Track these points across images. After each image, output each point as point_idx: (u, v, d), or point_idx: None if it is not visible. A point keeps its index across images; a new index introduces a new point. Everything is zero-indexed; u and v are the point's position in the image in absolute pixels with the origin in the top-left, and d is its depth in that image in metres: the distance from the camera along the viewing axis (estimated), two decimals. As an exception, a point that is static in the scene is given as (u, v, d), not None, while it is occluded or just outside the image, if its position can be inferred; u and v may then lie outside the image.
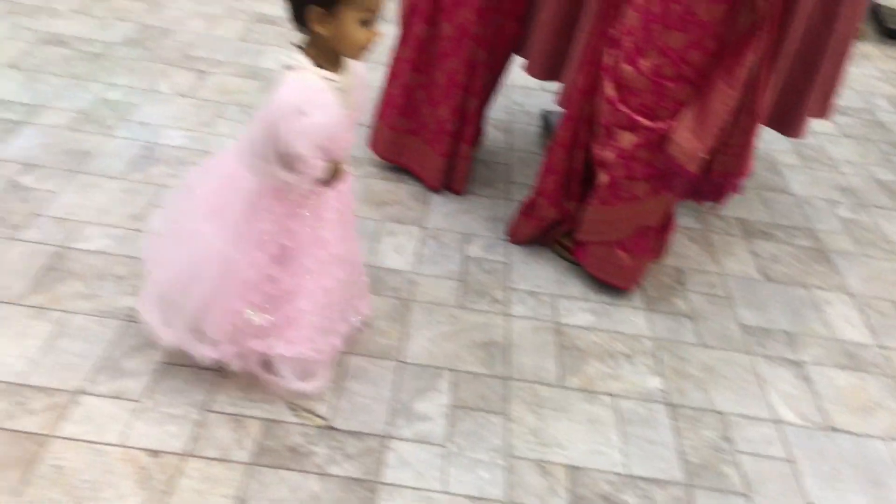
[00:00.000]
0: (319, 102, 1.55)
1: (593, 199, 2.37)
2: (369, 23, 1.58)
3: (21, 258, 2.18)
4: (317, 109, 1.54)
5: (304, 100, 1.54)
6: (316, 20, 1.55)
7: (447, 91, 2.63)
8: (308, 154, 1.56)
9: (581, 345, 2.26)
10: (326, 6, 1.53)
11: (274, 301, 1.77)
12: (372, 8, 1.56)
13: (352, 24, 1.55)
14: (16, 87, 2.99)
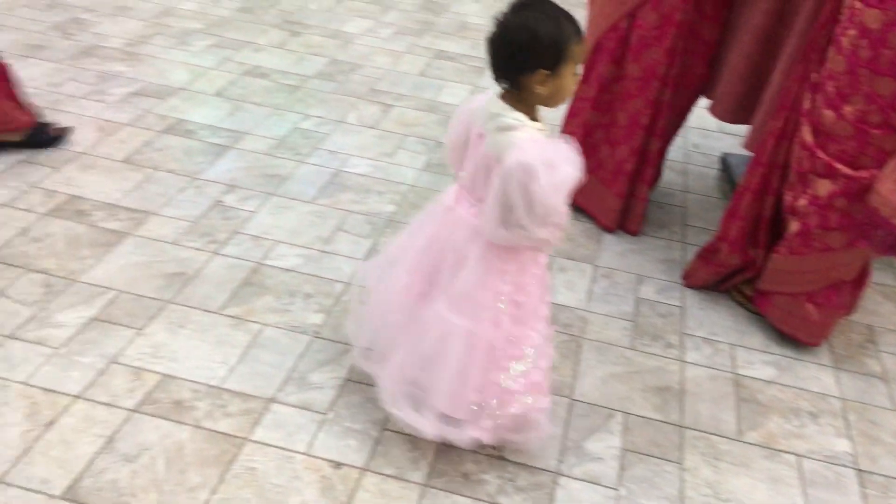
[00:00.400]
0: (561, 156, 1.54)
1: (782, 248, 2.28)
2: (577, 74, 1.60)
3: (222, 272, 2.36)
4: (562, 163, 1.53)
5: (548, 156, 1.53)
6: (539, 82, 1.55)
7: (629, 131, 2.62)
8: (563, 206, 1.55)
9: (762, 399, 2.16)
10: (552, 68, 1.54)
11: (521, 360, 1.76)
12: (584, 55, 1.58)
13: (570, 77, 1.57)
14: (223, 114, 3.25)
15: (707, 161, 3.41)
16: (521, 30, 1.53)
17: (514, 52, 1.54)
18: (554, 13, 1.55)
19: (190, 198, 2.69)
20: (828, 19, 2.10)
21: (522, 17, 1.54)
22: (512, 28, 1.54)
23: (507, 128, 1.57)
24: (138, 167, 2.81)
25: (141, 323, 2.12)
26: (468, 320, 1.68)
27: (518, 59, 1.54)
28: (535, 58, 1.53)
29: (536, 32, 1.53)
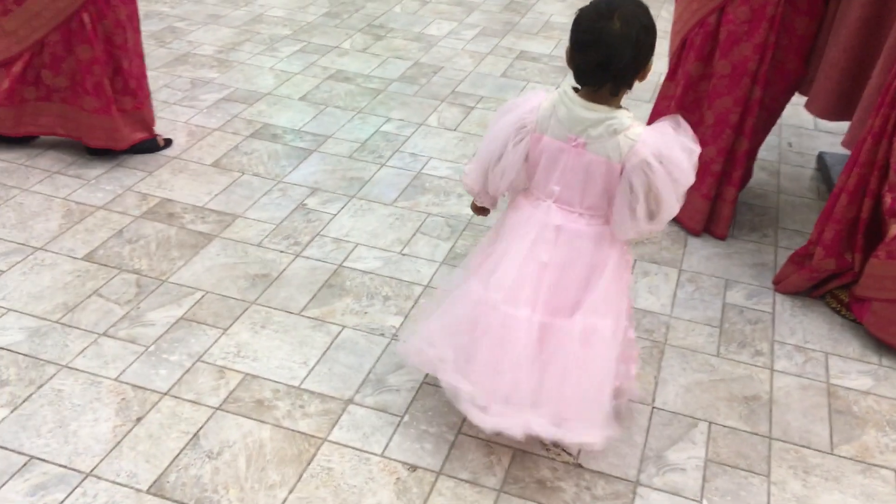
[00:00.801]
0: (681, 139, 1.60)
1: (880, 252, 2.16)
2: None
3: (305, 273, 2.40)
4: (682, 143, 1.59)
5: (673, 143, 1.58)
6: (647, 70, 1.60)
7: (716, 130, 2.54)
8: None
9: (857, 410, 2.05)
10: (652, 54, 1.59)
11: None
12: None
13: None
14: (307, 118, 3.32)
15: (802, 160, 3.27)
16: (643, 29, 1.54)
17: (638, 52, 1.54)
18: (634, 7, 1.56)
19: (274, 200, 2.75)
20: (932, 9, 1.98)
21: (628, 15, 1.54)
22: (633, 29, 1.53)
23: (622, 128, 1.59)
24: (226, 171, 2.90)
25: (225, 323, 2.18)
26: (612, 320, 1.71)
27: (641, 57, 1.56)
28: (652, 50, 1.57)
29: (649, 25, 1.55)
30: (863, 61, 2.40)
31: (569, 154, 1.62)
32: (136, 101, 2.86)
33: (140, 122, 2.89)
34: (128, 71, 2.80)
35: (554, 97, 1.63)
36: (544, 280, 1.69)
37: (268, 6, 4.50)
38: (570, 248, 1.67)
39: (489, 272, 1.76)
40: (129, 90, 2.83)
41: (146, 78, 2.90)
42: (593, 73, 1.57)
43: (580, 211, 1.66)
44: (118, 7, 2.71)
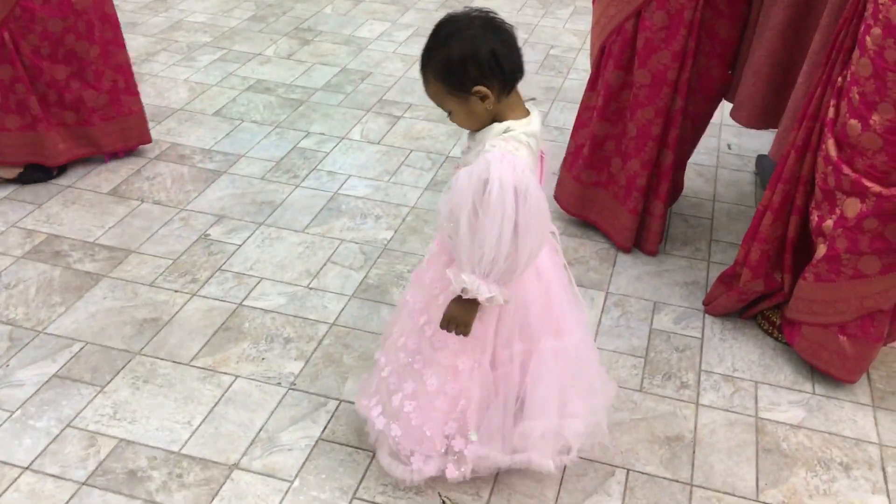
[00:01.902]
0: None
1: (808, 274, 2.02)
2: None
3: (199, 315, 2.22)
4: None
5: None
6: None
7: (639, 143, 2.38)
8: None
9: (787, 448, 1.91)
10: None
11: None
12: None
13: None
14: (220, 135, 3.12)
15: (741, 163, 3.13)
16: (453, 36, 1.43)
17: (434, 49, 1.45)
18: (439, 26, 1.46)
19: (174, 232, 2.56)
20: (852, 14, 1.83)
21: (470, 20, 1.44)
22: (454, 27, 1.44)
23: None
24: (124, 199, 2.70)
25: (104, 379, 2.00)
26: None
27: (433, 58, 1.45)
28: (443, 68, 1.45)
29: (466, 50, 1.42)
30: (787, 67, 2.25)
31: (538, 171, 1.55)
32: (80, 117, 2.71)
33: (84, 137, 2.74)
34: (62, 84, 2.63)
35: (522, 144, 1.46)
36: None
37: (188, 11, 4.28)
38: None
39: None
40: (68, 104, 2.67)
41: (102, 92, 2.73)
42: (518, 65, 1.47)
43: None
44: (49, 20, 2.52)
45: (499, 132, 1.44)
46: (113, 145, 2.84)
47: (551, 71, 3.81)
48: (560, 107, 3.48)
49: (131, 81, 2.84)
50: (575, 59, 3.95)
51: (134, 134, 2.88)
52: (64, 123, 2.71)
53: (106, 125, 2.78)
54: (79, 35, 2.61)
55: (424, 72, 1.44)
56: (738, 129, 3.28)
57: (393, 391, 1.65)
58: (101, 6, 2.67)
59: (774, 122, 2.37)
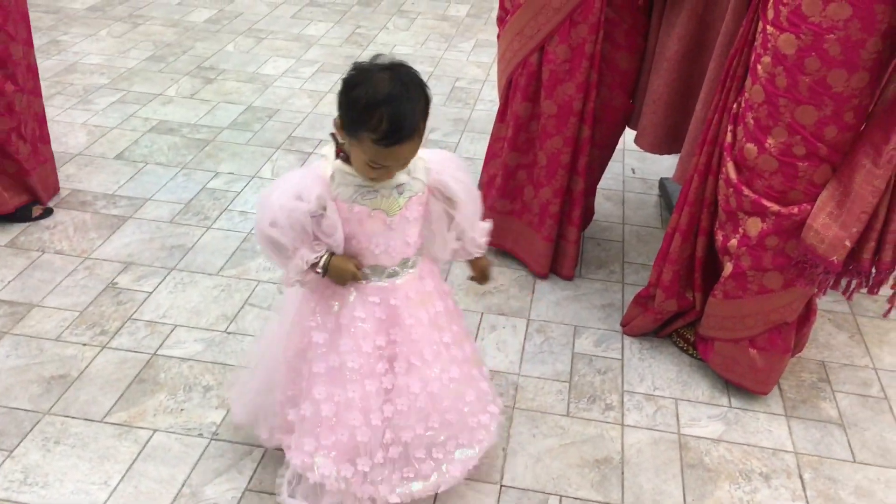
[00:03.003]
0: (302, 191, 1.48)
1: (717, 292, 2.10)
2: (381, 169, 1.47)
3: (111, 368, 2.13)
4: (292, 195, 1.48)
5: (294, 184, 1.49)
6: (336, 126, 1.49)
7: (550, 171, 2.44)
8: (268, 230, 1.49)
9: (709, 462, 1.97)
10: (346, 130, 1.46)
11: (296, 398, 1.67)
12: (384, 163, 1.45)
13: (359, 159, 1.47)
14: (122, 179, 3.02)
15: (646, 187, 3.24)
16: (358, 72, 1.44)
17: (343, 83, 1.45)
18: (389, 97, 1.40)
19: (79, 282, 2.45)
20: (742, 44, 1.93)
21: (375, 68, 1.44)
22: (362, 67, 1.45)
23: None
24: (23, 251, 2.57)
25: (11, 443, 1.88)
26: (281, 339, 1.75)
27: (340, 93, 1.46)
28: (341, 103, 1.45)
29: (355, 85, 1.42)
30: (685, 95, 2.36)
31: None
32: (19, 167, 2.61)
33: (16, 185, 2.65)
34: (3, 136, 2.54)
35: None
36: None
37: (83, 53, 4.14)
38: None
39: None
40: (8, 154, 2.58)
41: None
42: None
43: None
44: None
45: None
46: (49, 193, 2.77)
47: (458, 103, 3.86)
48: (469, 137, 3.53)
49: (44, 130, 2.76)
50: (480, 90, 4.02)
51: (50, 182, 2.79)
52: (4, 172, 2.61)
53: (37, 173, 2.69)
54: (17, 87, 2.53)
55: (417, 129, 1.44)
56: (640, 154, 3.40)
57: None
58: (27, 57, 2.59)
59: (676, 147, 2.47)
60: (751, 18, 1.90)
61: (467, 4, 5.26)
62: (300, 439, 1.62)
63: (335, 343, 1.59)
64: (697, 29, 2.25)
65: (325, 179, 1.50)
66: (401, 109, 1.39)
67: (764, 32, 1.82)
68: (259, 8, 4.96)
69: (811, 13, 1.71)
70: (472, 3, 5.30)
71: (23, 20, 2.56)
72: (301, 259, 1.52)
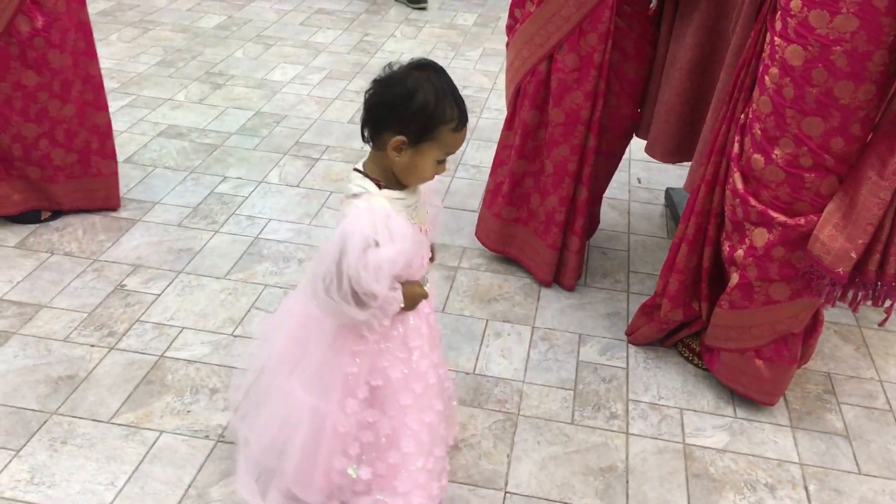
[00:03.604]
0: (392, 231, 1.39)
1: (723, 302, 2.10)
2: (443, 161, 1.48)
3: (119, 370, 2.14)
4: (389, 239, 1.38)
5: (380, 229, 1.38)
6: (394, 148, 1.42)
7: (556, 179, 2.45)
8: (382, 289, 1.39)
9: (714, 472, 1.97)
10: (414, 139, 1.41)
11: (374, 450, 1.58)
12: (455, 150, 1.46)
13: (430, 161, 1.46)
14: (131, 183, 3.04)
15: (652, 196, 3.25)
16: (400, 85, 1.40)
17: (384, 106, 1.41)
18: (442, 87, 1.43)
19: (88, 284, 2.46)
20: (751, 55, 1.95)
21: (409, 74, 1.42)
22: (392, 81, 1.42)
23: (350, 195, 1.46)
24: (32, 252, 2.59)
25: (18, 443, 1.89)
26: (315, 398, 1.53)
27: (385, 115, 1.42)
28: (401, 119, 1.40)
29: (414, 93, 1.40)
30: (696, 104, 2.37)
31: None
32: (44, 174, 2.63)
33: (44, 192, 2.67)
34: (30, 142, 2.56)
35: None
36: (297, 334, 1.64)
37: (94, 57, 4.16)
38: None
39: None
40: (34, 160, 2.60)
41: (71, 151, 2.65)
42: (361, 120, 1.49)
43: None
44: (23, 72, 2.45)
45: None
46: (75, 204, 2.74)
47: (466, 111, 3.87)
48: (476, 145, 3.55)
49: (107, 144, 2.75)
50: (487, 98, 4.04)
51: (100, 196, 2.78)
52: (25, 177, 2.63)
53: (70, 183, 2.69)
54: (52, 94, 2.53)
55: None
56: (646, 163, 3.41)
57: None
58: (84, 67, 2.60)
59: (686, 156, 2.48)
60: (759, 30, 1.92)
61: (475, 13, 5.29)
62: (393, 484, 1.59)
63: (417, 369, 1.57)
64: (709, 38, 2.27)
65: (390, 211, 1.44)
66: (456, 91, 1.44)
67: (772, 44, 1.83)
68: (268, 15, 4.99)
69: (818, 25, 1.72)
70: (480, 12, 5.33)
71: (78, 30, 2.54)
72: (395, 301, 1.45)
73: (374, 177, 1.47)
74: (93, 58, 2.64)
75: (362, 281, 1.36)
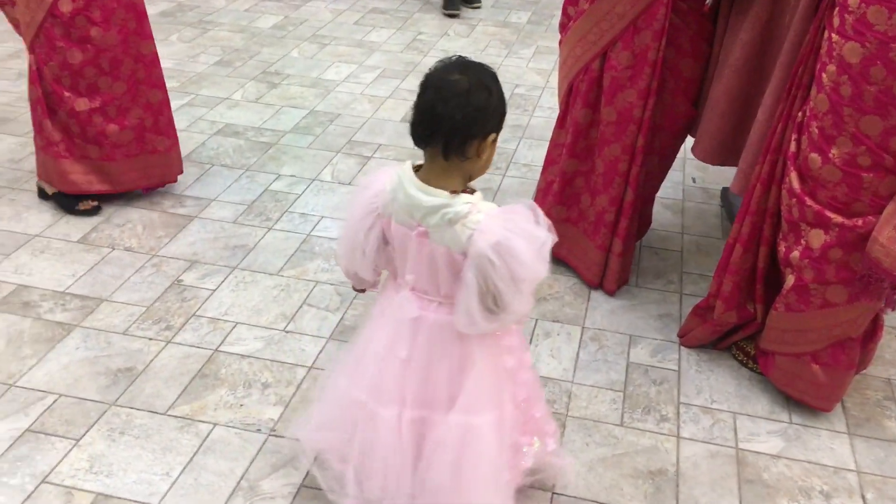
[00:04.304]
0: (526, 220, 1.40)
1: (779, 304, 2.06)
2: None
3: (175, 363, 2.19)
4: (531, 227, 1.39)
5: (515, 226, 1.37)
6: (490, 145, 1.44)
7: (607, 179, 2.42)
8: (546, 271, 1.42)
9: (768, 478, 1.93)
10: (498, 130, 1.44)
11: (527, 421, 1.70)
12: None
13: (493, 151, 1.47)
14: (189, 180, 3.11)
15: (707, 196, 3.20)
16: (476, 89, 1.39)
17: (477, 111, 1.38)
18: (482, 71, 1.44)
19: (147, 278, 2.53)
20: (808, 53, 1.90)
21: (467, 76, 1.41)
22: (463, 88, 1.38)
23: (459, 217, 1.39)
24: (94, 247, 2.67)
25: (79, 432, 1.96)
26: (490, 413, 1.55)
27: (478, 119, 1.39)
28: (492, 117, 1.41)
29: (489, 89, 1.40)
30: (744, 104, 2.31)
31: (413, 242, 1.45)
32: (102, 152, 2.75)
33: (104, 173, 2.79)
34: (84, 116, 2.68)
35: (392, 181, 1.47)
36: (409, 376, 1.53)
37: (155, 58, 4.27)
38: (431, 341, 1.50)
39: (354, 365, 1.63)
40: (91, 138, 2.73)
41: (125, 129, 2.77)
42: (422, 126, 1.40)
43: (439, 299, 1.50)
44: (67, 51, 2.58)
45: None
46: (133, 183, 2.86)
47: (517, 109, 3.86)
48: (528, 144, 3.53)
49: (162, 121, 2.85)
50: (539, 97, 4.02)
51: (156, 172, 2.88)
52: (87, 156, 2.75)
53: (127, 161, 2.80)
54: (101, 70, 2.64)
55: None
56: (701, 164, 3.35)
57: None
58: (135, 46, 2.70)
59: (730, 158, 2.42)
60: (816, 26, 1.87)
61: (528, 11, 5.27)
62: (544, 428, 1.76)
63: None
64: (762, 36, 2.22)
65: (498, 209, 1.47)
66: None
67: (829, 41, 1.79)
68: (323, 15, 5.05)
69: (876, 21, 1.67)
70: (534, 9, 5.31)
71: (128, 10, 2.63)
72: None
73: (460, 190, 1.44)
74: (145, 38, 2.73)
75: (538, 270, 1.38)
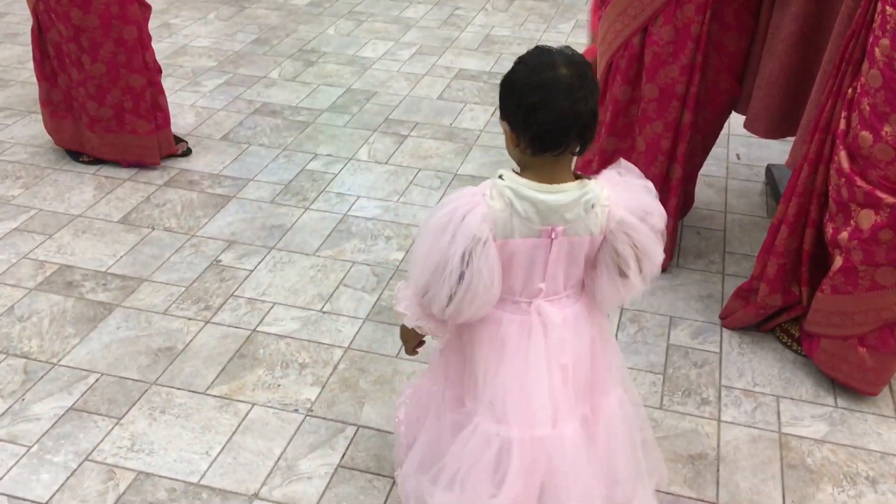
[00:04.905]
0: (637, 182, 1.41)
1: (825, 286, 2.00)
2: None
3: (214, 343, 2.21)
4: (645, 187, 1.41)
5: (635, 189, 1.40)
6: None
7: (649, 157, 2.37)
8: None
9: (811, 463, 1.89)
10: None
11: None
12: None
13: None
14: (227, 160, 3.12)
15: (751, 173, 3.12)
16: (587, 74, 1.32)
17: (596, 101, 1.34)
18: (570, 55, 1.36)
19: (186, 259, 2.55)
20: (860, 26, 1.82)
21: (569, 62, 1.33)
22: (584, 74, 1.32)
23: (596, 200, 1.35)
24: (134, 227, 2.70)
25: (120, 410, 1.99)
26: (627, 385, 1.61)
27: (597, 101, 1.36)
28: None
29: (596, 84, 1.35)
30: (802, 77, 2.25)
31: (547, 247, 1.39)
32: (87, 119, 2.91)
33: (85, 138, 2.98)
34: (75, 84, 2.86)
35: (503, 197, 1.34)
36: (567, 381, 1.48)
37: (192, 36, 4.29)
38: (577, 334, 1.47)
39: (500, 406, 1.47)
40: (79, 104, 2.90)
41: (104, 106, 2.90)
42: (570, 132, 1.30)
43: (565, 293, 1.46)
44: (54, 26, 2.77)
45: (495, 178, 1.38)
46: (111, 155, 3.00)
47: (556, 86, 3.80)
48: (566, 121, 3.47)
49: (143, 105, 2.92)
50: (579, 73, 3.94)
51: (134, 152, 2.99)
52: (79, 119, 2.94)
53: (107, 136, 2.95)
54: (81, 48, 2.79)
55: None
56: (746, 139, 3.27)
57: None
58: (116, 30, 2.79)
59: (791, 130, 2.36)
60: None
61: (568, -15, 5.17)
62: None
63: None
64: (815, 8, 2.14)
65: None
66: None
67: (883, 13, 1.71)
68: (360, -9, 5.01)
69: (938, -8, 1.60)
70: (573, -17, 5.21)
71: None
72: None
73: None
74: (128, 23, 2.80)
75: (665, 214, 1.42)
